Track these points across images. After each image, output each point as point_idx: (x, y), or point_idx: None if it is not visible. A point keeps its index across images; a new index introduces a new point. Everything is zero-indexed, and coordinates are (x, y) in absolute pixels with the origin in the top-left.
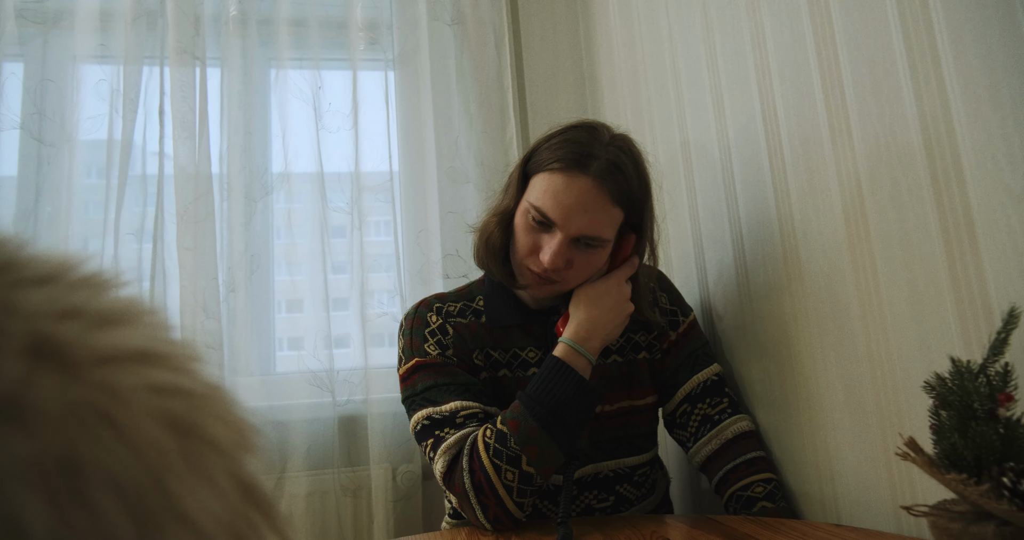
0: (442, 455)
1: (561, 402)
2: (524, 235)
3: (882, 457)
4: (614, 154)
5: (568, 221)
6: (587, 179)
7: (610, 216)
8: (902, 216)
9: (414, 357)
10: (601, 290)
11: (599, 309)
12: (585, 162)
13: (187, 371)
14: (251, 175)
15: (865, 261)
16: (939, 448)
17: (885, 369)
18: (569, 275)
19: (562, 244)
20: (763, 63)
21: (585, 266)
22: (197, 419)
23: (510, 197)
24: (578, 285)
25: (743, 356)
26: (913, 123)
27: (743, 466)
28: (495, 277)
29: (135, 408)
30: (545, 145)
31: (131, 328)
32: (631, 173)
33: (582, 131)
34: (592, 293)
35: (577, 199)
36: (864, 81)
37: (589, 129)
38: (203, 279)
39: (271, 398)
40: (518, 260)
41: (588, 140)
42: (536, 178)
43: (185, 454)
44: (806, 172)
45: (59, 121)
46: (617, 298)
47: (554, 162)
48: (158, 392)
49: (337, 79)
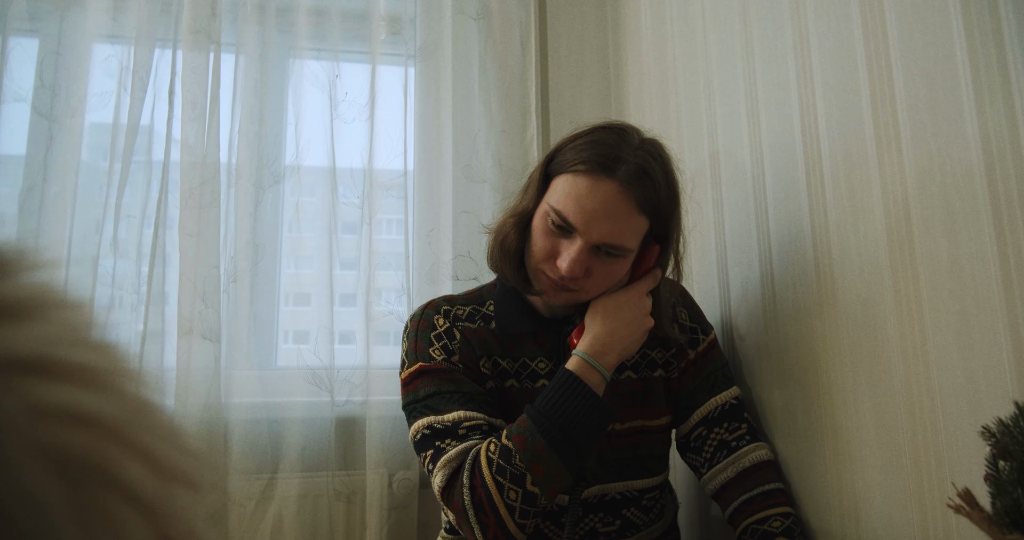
0: (441, 469)
1: (572, 419)
2: (542, 239)
3: (915, 501)
4: (643, 159)
5: (590, 227)
6: (613, 184)
7: (634, 225)
8: (955, 242)
9: (418, 361)
10: (620, 302)
11: (617, 322)
12: (612, 166)
13: (100, 388)
14: (260, 163)
15: (909, 288)
16: (999, 503)
17: (925, 406)
18: (587, 284)
19: (582, 251)
20: (806, 70)
21: (605, 276)
22: (103, 458)
23: (529, 198)
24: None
25: (765, 380)
26: (974, 142)
27: (760, 498)
28: (508, 282)
29: (9, 440)
30: (570, 145)
31: (29, 325)
32: (660, 180)
33: (611, 133)
34: (611, 305)
35: (601, 205)
36: (919, 93)
37: (618, 131)
38: (204, 267)
39: (267, 395)
40: (533, 264)
41: (616, 142)
42: (558, 179)
43: (79, 509)
44: (847, 190)
45: (65, 98)
46: (636, 312)
47: (579, 164)
48: (47, 418)
49: (356, 71)
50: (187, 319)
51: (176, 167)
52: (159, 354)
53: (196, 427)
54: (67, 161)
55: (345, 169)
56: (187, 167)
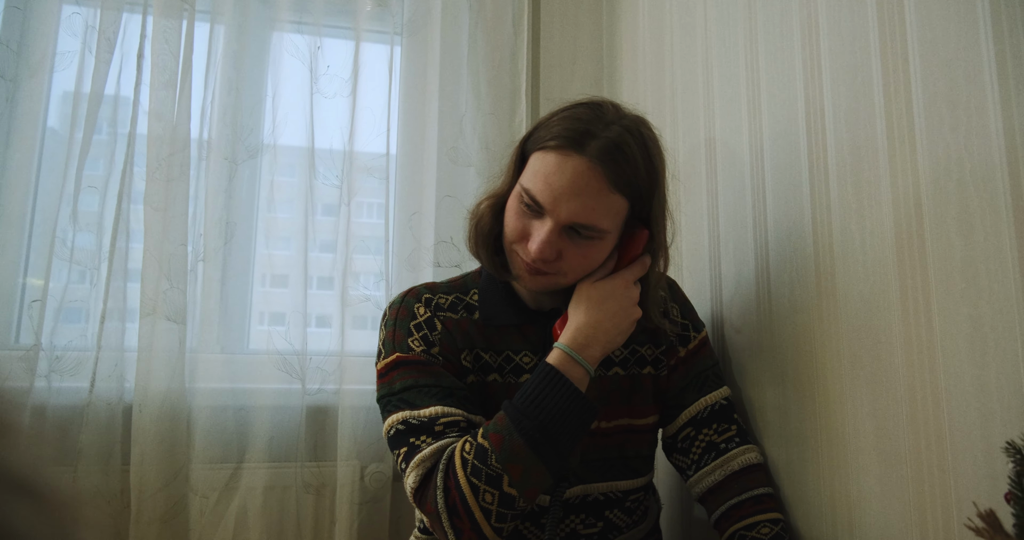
0: (415, 468)
1: (552, 417)
2: (514, 220)
3: (914, 514)
4: (618, 134)
5: (557, 206)
6: (582, 160)
7: (607, 204)
8: (970, 243)
9: (395, 352)
10: (605, 291)
11: (602, 313)
12: (582, 141)
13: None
14: (234, 136)
15: (917, 290)
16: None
17: (930, 415)
18: (562, 267)
19: (552, 232)
20: (813, 57)
21: (579, 259)
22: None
23: (505, 179)
24: (578, 282)
25: (757, 380)
26: (996, 137)
27: (749, 503)
28: (486, 267)
29: None
30: (546, 122)
31: None
32: (636, 156)
33: (587, 108)
34: (595, 294)
35: (569, 181)
36: (938, 85)
37: (595, 106)
38: (171, 244)
39: (235, 380)
40: (507, 246)
41: (591, 117)
42: (531, 158)
43: None
44: (853, 184)
45: (26, 57)
46: (623, 302)
47: (550, 140)
48: None
49: (338, 46)
50: (151, 299)
51: (143, 137)
52: (120, 334)
53: (157, 412)
54: (27, 126)
55: (324, 144)
56: (155, 137)
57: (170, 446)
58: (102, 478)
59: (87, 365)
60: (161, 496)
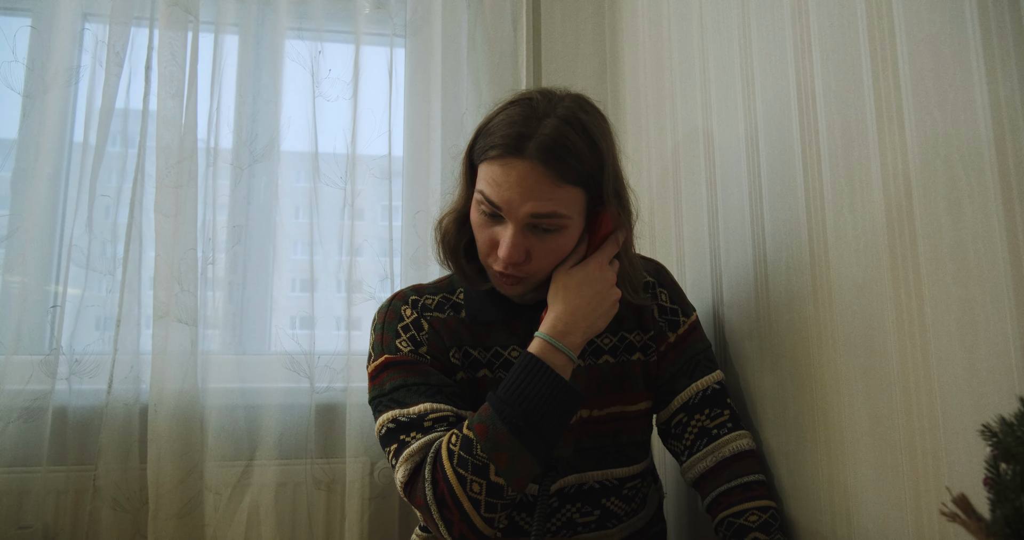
0: (404, 463)
1: (535, 405)
2: (480, 231)
3: (910, 502)
4: (553, 128)
5: (513, 209)
6: (524, 163)
7: (561, 196)
8: (959, 223)
9: (384, 354)
10: (580, 277)
11: (579, 298)
12: (521, 145)
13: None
14: (240, 142)
15: (908, 273)
16: (998, 511)
17: (923, 400)
18: (533, 267)
19: (516, 235)
20: (804, 39)
21: (549, 253)
22: None
23: (461, 192)
24: (554, 271)
25: (755, 367)
26: (983, 113)
27: (738, 490)
28: (459, 277)
29: None
30: (484, 130)
31: None
32: (578, 146)
33: (517, 107)
34: (571, 281)
35: (518, 186)
36: (924, 61)
37: (526, 103)
38: (181, 249)
39: (245, 380)
40: (483, 261)
41: (523, 117)
42: (480, 169)
43: None
44: (844, 166)
45: (40, 73)
46: (598, 286)
47: (490, 149)
48: None
49: (339, 50)
50: (163, 302)
51: (152, 146)
52: (135, 337)
53: (172, 412)
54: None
55: (328, 146)
56: (163, 146)
57: (184, 444)
58: (121, 476)
59: (105, 368)
60: (177, 493)
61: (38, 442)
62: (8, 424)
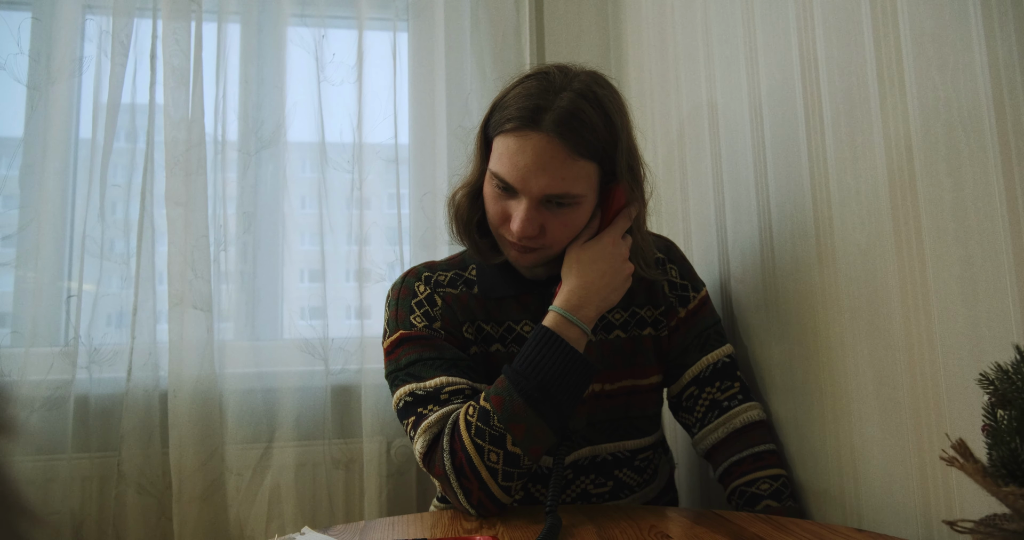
0: (422, 434)
1: (550, 376)
2: (493, 204)
3: (915, 458)
4: (570, 101)
5: (528, 184)
6: (541, 135)
7: (576, 171)
8: (959, 184)
9: (399, 329)
10: (593, 252)
11: (593, 273)
12: (537, 117)
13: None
14: (247, 129)
15: (911, 234)
16: (994, 454)
17: (926, 359)
18: (547, 240)
19: (529, 209)
20: (806, 7)
21: (562, 228)
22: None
23: (475, 166)
24: (569, 246)
25: (763, 338)
26: (982, 72)
27: (750, 460)
28: (472, 252)
29: None
30: (500, 104)
31: None
32: (593, 119)
33: (535, 80)
34: (584, 256)
35: (533, 159)
36: (924, 23)
37: (542, 77)
38: (193, 236)
39: (261, 365)
40: (494, 231)
41: (539, 91)
42: (495, 142)
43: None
44: (847, 133)
45: (46, 64)
46: (612, 260)
47: (506, 123)
48: None
49: (342, 36)
50: (178, 289)
51: (160, 136)
52: (152, 325)
53: (191, 397)
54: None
55: (334, 132)
56: (171, 136)
57: (205, 428)
58: (144, 461)
59: (123, 356)
60: (199, 475)
61: (62, 430)
62: (32, 413)
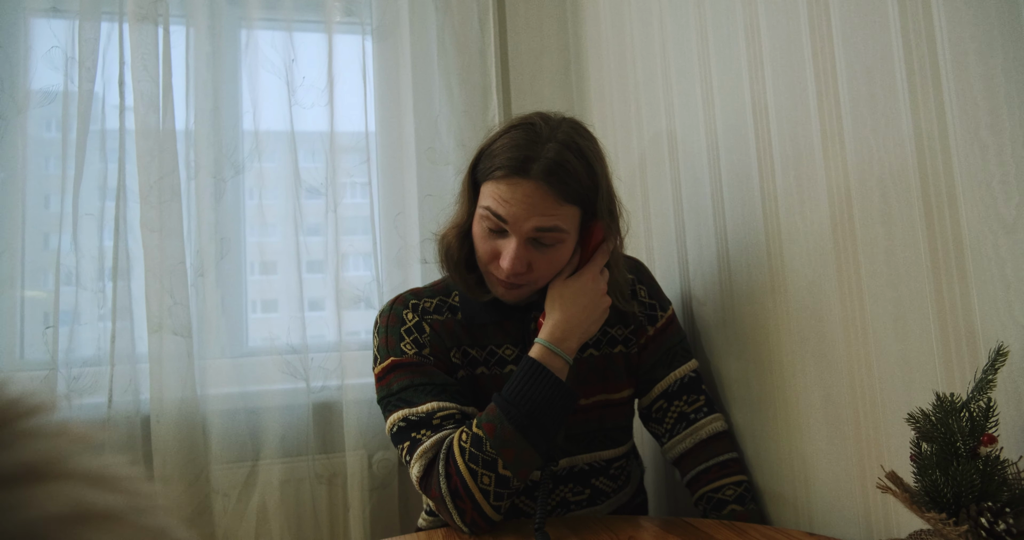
0: (418, 459)
1: (537, 405)
2: (482, 243)
3: (856, 468)
4: (555, 151)
5: (518, 224)
6: (530, 183)
7: (562, 214)
8: (890, 232)
9: (389, 356)
10: (575, 288)
11: (575, 307)
12: (526, 167)
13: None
14: (220, 153)
15: (851, 273)
16: (920, 484)
17: (864, 383)
18: (533, 277)
19: (519, 248)
20: (756, 58)
21: (547, 264)
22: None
23: (463, 208)
24: (553, 280)
25: (722, 353)
26: (908, 139)
27: (715, 468)
28: (462, 289)
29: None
30: (488, 151)
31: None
32: (576, 168)
33: (521, 131)
34: (567, 292)
35: (523, 204)
36: (860, 89)
37: (528, 127)
38: (170, 262)
39: (243, 384)
40: (482, 268)
41: (527, 141)
42: (484, 187)
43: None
44: (795, 177)
45: (10, 92)
46: (592, 296)
47: (496, 170)
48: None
49: (311, 44)
50: (156, 315)
51: (132, 160)
52: (131, 351)
53: (174, 421)
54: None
55: (307, 157)
56: (144, 164)
57: (189, 451)
58: None
59: (103, 382)
60: (186, 497)
61: None
62: None
